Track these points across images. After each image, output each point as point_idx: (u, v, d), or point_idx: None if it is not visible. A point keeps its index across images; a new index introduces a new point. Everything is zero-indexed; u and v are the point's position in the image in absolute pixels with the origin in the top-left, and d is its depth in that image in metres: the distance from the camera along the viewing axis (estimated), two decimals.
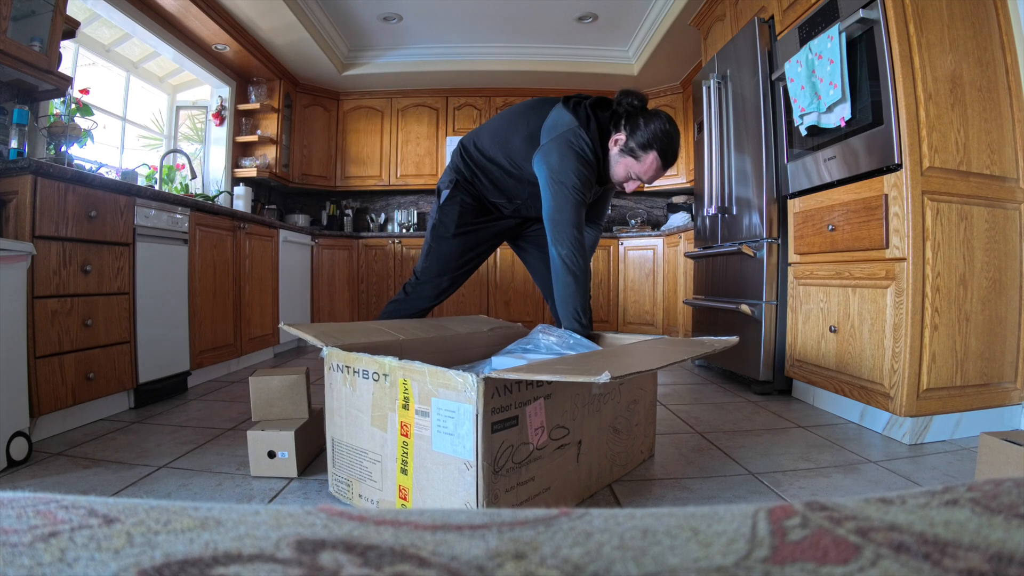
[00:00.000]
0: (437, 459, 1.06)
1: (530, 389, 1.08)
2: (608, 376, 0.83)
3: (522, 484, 1.08)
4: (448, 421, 1.03)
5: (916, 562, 0.21)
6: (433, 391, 1.05)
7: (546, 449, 1.14)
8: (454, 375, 1.01)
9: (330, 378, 1.28)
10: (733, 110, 2.68)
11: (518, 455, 1.06)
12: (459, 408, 1.01)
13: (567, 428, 1.20)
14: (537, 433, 1.11)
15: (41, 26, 2.16)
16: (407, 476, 1.12)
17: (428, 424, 1.06)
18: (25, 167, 1.68)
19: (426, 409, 1.07)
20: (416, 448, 1.09)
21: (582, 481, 1.27)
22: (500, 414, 1.01)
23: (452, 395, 1.02)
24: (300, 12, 3.61)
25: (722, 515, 0.26)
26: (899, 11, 1.75)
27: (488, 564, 0.21)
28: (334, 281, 4.36)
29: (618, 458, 1.42)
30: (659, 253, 4.20)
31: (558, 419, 1.17)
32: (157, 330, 2.26)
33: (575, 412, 1.23)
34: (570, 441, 1.22)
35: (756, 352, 2.43)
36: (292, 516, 0.26)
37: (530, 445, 1.09)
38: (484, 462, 0.99)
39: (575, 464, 1.24)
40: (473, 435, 0.99)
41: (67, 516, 0.26)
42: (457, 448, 1.02)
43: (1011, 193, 1.82)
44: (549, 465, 1.16)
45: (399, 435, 1.12)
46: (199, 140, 4.23)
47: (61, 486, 1.38)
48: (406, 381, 1.10)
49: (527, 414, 1.08)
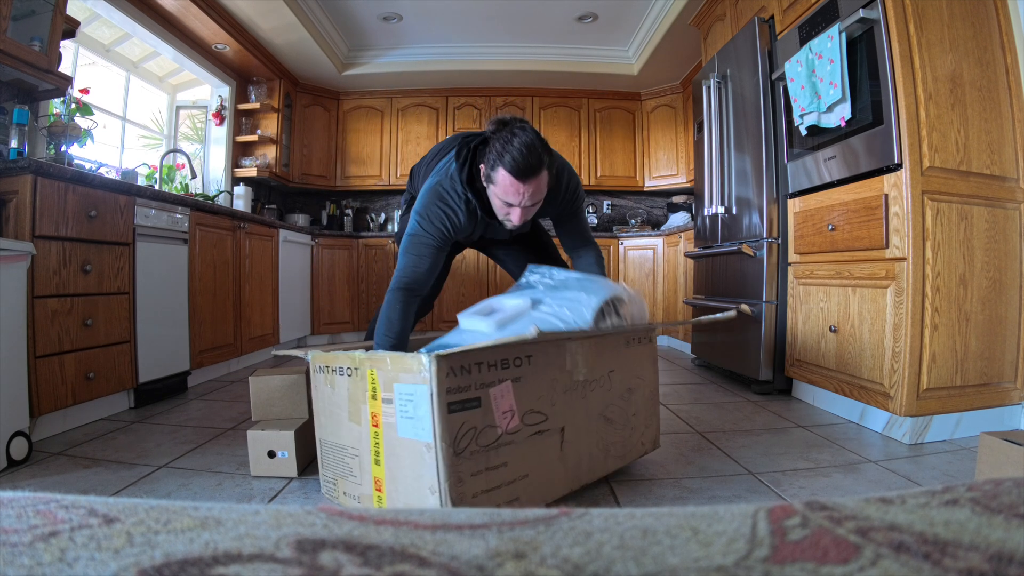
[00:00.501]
0: (404, 445, 1.06)
1: (492, 371, 1.07)
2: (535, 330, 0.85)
3: (492, 469, 1.07)
4: (408, 404, 1.04)
5: (916, 562, 0.21)
6: (395, 377, 1.06)
7: (519, 434, 1.12)
8: (411, 358, 1.02)
9: (315, 381, 1.31)
10: (733, 110, 2.67)
11: (484, 438, 1.05)
12: (416, 390, 1.01)
13: (544, 414, 1.18)
14: (506, 417, 1.09)
15: (41, 26, 2.16)
16: (380, 467, 1.13)
17: (393, 411, 1.07)
18: (25, 167, 1.68)
19: (390, 396, 1.08)
20: (386, 437, 1.11)
21: (570, 470, 1.25)
22: (458, 394, 1.01)
23: (410, 378, 1.02)
24: (300, 12, 3.61)
25: (722, 515, 0.26)
26: (899, 11, 1.75)
27: (488, 564, 0.21)
28: (334, 281, 4.36)
29: (614, 448, 1.39)
30: (659, 253, 4.20)
31: (532, 404, 1.16)
32: (157, 330, 2.26)
33: (553, 397, 1.21)
34: (550, 428, 1.20)
35: (756, 352, 2.43)
36: (292, 516, 0.26)
37: (498, 428, 1.07)
38: (443, 443, 0.99)
39: (559, 452, 1.22)
40: (430, 416, 0.99)
41: (67, 516, 0.26)
42: (418, 431, 1.02)
43: (1011, 193, 1.82)
44: (525, 451, 1.14)
45: (371, 426, 1.14)
46: (199, 140, 4.23)
47: (61, 486, 1.38)
48: (372, 371, 1.12)
49: (492, 396, 1.07)
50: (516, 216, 1.43)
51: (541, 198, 1.44)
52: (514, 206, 1.42)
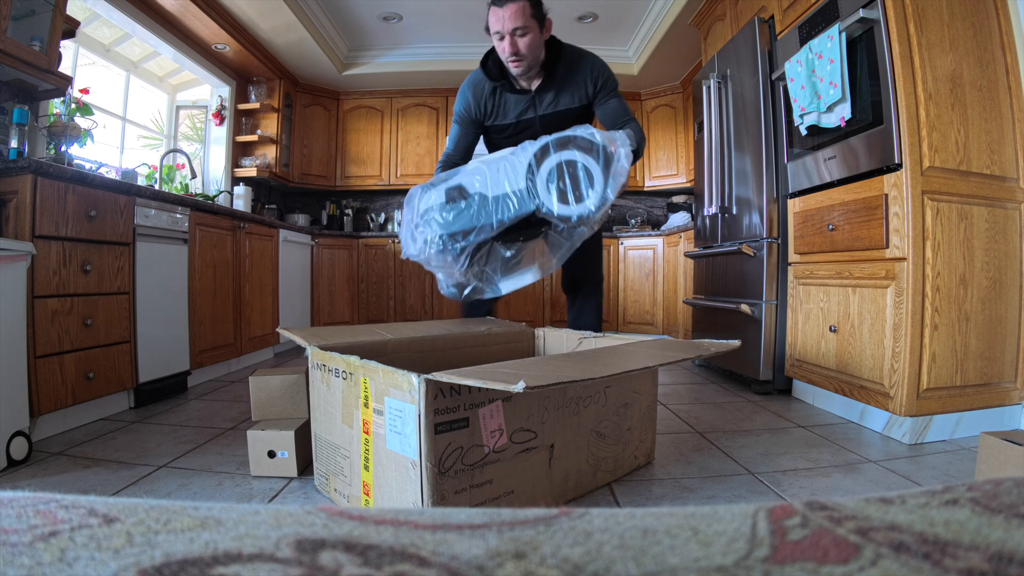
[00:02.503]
0: (391, 457, 1.06)
1: (483, 392, 1.05)
2: (523, 386, 0.81)
3: (477, 486, 1.07)
4: (397, 420, 1.04)
5: (916, 562, 0.21)
6: (385, 390, 1.06)
7: (507, 452, 1.11)
8: (401, 375, 1.01)
9: (312, 376, 1.33)
10: (733, 110, 2.67)
11: (469, 457, 1.04)
12: (405, 408, 1.01)
13: (533, 432, 1.17)
14: (494, 436, 1.08)
15: (41, 26, 2.16)
16: (369, 472, 1.14)
17: (383, 423, 1.07)
18: (25, 167, 1.68)
19: (381, 408, 1.08)
20: (375, 446, 1.11)
21: (556, 486, 1.24)
22: (446, 415, 1.00)
23: (399, 395, 1.02)
24: (300, 12, 3.61)
25: (722, 515, 0.26)
26: (899, 11, 1.75)
27: (488, 563, 0.21)
28: (334, 281, 4.36)
29: (604, 464, 1.37)
30: (659, 253, 4.20)
31: (521, 422, 1.14)
32: (157, 330, 2.26)
33: (544, 415, 1.19)
34: (538, 445, 1.18)
35: (756, 352, 2.43)
36: (292, 516, 0.26)
37: (485, 447, 1.07)
38: (428, 463, 0.99)
39: (546, 468, 1.21)
40: (417, 435, 0.99)
41: (67, 516, 0.26)
42: (405, 447, 1.02)
43: (1011, 193, 1.82)
44: (511, 468, 1.13)
45: (362, 432, 1.14)
46: (199, 140, 4.23)
47: (61, 486, 1.38)
48: (366, 380, 1.11)
49: (480, 416, 1.06)
50: (507, 45, 1.64)
51: (526, 26, 1.63)
52: (503, 36, 1.63)
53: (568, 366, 1.05)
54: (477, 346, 1.74)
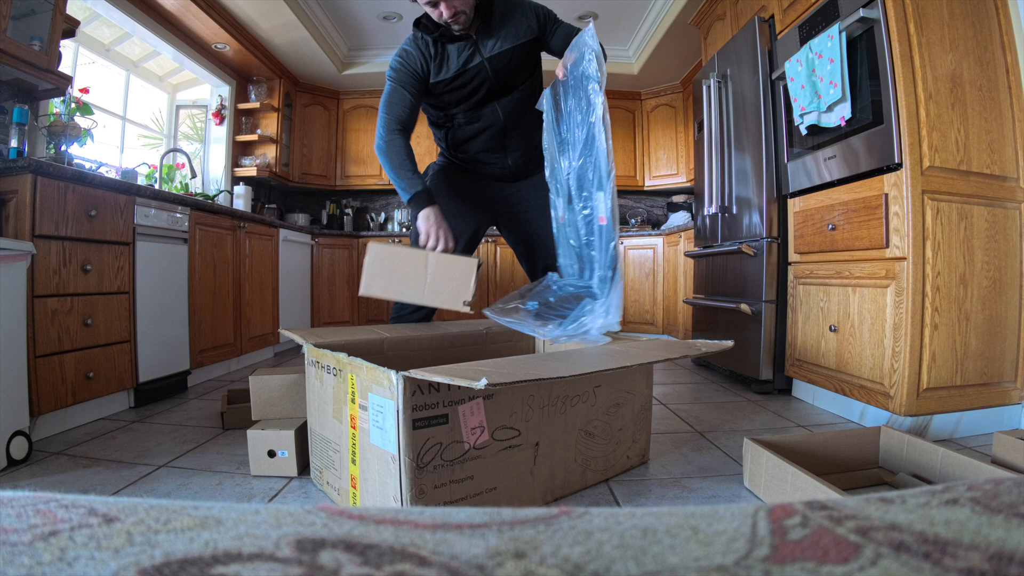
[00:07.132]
0: (374, 452, 1.09)
1: (463, 389, 1.07)
2: (485, 383, 0.84)
3: (457, 482, 1.09)
4: (379, 415, 1.06)
5: (916, 561, 0.21)
6: (369, 387, 1.08)
7: (488, 449, 1.13)
8: (382, 372, 1.04)
9: (308, 372, 1.37)
10: (733, 109, 2.67)
11: (449, 453, 1.07)
12: (385, 404, 1.04)
13: (517, 429, 1.18)
14: (475, 432, 1.10)
15: (41, 25, 2.15)
16: (356, 466, 1.16)
17: (368, 418, 1.10)
18: (25, 166, 1.68)
19: (365, 403, 1.10)
20: (361, 440, 1.13)
21: (541, 485, 1.25)
22: (424, 411, 1.02)
23: (381, 391, 1.05)
24: (300, 11, 3.61)
25: (722, 514, 0.26)
26: (899, 10, 1.75)
27: (488, 563, 0.21)
28: (334, 280, 4.36)
29: (593, 463, 1.37)
30: (659, 252, 4.20)
31: (504, 420, 1.15)
32: (157, 329, 2.26)
33: (528, 413, 1.20)
34: (522, 443, 1.19)
35: (756, 351, 2.43)
36: (292, 515, 0.26)
37: (465, 444, 1.09)
38: (406, 457, 1.01)
39: (531, 466, 1.22)
40: (396, 430, 1.02)
41: (67, 515, 0.26)
42: (385, 442, 1.05)
43: (1011, 192, 1.82)
44: (493, 465, 1.14)
45: (350, 427, 1.17)
46: (199, 139, 4.23)
47: (61, 485, 1.38)
48: (352, 376, 1.14)
49: (460, 413, 1.08)
50: (443, 9, 1.60)
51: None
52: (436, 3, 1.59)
53: (542, 365, 1.07)
54: (475, 345, 1.74)
